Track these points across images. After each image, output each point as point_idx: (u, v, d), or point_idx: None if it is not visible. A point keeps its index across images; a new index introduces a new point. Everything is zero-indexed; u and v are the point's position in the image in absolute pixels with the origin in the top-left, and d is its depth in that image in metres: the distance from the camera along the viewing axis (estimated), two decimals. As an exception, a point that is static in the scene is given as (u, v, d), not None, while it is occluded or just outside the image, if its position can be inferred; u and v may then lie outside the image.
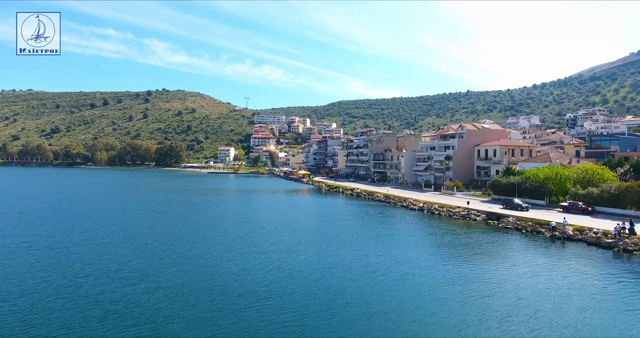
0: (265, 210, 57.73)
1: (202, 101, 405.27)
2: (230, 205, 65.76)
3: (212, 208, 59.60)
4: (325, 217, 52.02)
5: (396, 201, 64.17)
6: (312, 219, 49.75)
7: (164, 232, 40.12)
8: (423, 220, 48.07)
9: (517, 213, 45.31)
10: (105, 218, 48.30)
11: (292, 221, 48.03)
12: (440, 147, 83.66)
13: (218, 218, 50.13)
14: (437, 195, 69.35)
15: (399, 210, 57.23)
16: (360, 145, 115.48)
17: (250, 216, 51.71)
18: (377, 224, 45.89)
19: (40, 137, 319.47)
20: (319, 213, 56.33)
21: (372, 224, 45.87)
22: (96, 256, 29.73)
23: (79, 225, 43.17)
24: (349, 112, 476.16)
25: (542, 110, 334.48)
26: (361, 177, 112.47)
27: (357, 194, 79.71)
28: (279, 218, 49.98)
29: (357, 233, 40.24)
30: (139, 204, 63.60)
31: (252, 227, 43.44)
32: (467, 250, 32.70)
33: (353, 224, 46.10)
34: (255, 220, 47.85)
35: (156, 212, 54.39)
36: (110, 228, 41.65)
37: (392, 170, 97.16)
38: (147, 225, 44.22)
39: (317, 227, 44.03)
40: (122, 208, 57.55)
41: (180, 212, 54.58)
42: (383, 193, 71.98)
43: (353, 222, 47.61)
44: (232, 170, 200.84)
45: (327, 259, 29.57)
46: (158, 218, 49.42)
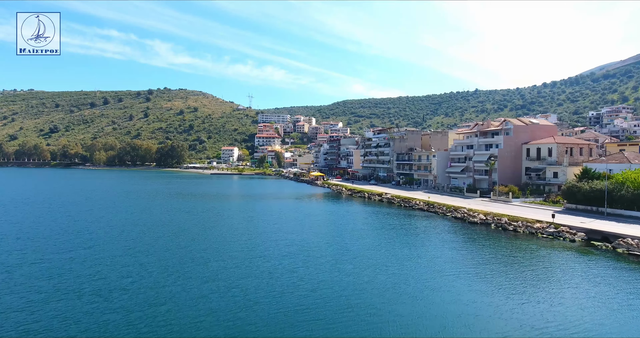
0: (286, 225, 46.28)
1: (205, 100, 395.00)
2: (241, 216, 53.58)
3: (220, 223, 48.57)
4: (367, 235, 41.04)
5: (444, 210, 52.99)
6: (350, 239, 38.47)
7: (167, 256, 29.60)
8: (499, 241, 36.48)
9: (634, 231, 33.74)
10: (92, 233, 37.80)
11: (328, 243, 37.15)
12: (480, 146, 72.70)
13: (228, 238, 39.21)
14: (488, 202, 58.33)
15: (452, 223, 46.10)
16: (380, 144, 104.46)
17: (270, 235, 39.86)
18: (449, 248, 34.31)
19: (39, 136, 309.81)
20: (354, 228, 45.28)
21: (443, 247, 34.57)
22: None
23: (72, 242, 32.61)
24: (354, 111, 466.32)
25: (555, 108, 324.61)
26: (382, 179, 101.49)
27: (389, 201, 68.50)
28: (306, 238, 39.00)
29: (435, 265, 29.08)
30: (138, 216, 53.00)
31: (274, 252, 32.64)
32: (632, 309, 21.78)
33: (415, 244, 35.24)
34: (278, 243, 36.95)
35: (156, 227, 43.77)
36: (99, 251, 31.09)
37: (420, 171, 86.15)
38: (146, 246, 33.67)
39: (362, 254, 32.81)
40: (118, 223, 46.90)
41: (183, 229, 43.76)
42: (422, 200, 60.82)
43: (411, 241, 36.78)
44: (237, 171, 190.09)
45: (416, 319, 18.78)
46: (158, 235, 38.84)
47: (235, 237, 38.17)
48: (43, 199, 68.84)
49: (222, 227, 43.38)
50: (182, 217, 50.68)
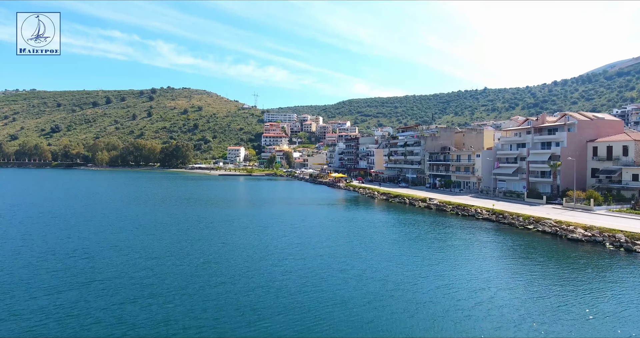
0: (337, 245, 35.86)
1: (209, 99, 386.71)
2: (275, 231, 41.99)
3: (252, 243, 39.00)
4: (463, 259, 32.05)
5: (522, 222, 43.19)
6: (446, 267, 28.74)
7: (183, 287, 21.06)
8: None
9: None
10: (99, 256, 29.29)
11: (419, 275, 28.29)
12: (536, 144, 63.93)
13: (275, 273, 29.64)
14: (563, 210, 49.47)
15: (544, 240, 36.74)
16: (408, 142, 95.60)
17: (329, 263, 29.58)
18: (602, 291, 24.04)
19: (40, 136, 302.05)
20: (433, 246, 36.37)
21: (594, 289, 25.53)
22: None
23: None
24: (360, 110, 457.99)
25: (570, 107, 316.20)
26: (411, 181, 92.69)
27: (439, 208, 58.89)
28: (384, 271, 28.47)
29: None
30: (147, 232, 44.57)
31: (352, 295, 23.92)
32: None
33: (548, 279, 26.44)
34: (351, 278, 28.08)
35: (176, 252, 35.29)
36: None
37: (459, 173, 77.34)
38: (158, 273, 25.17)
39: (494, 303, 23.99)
40: (125, 245, 38.48)
41: (211, 257, 35.05)
42: (485, 208, 51.68)
43: (532, 270, 27.97)
44: (245, 172, 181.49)
45: None
46: (172, 258, 30.39)
47: (286, 267, 29.31)
48: (36, 204, 60.55)
49: (257, 250, 34.34)
50: (203, 234, 42.07)
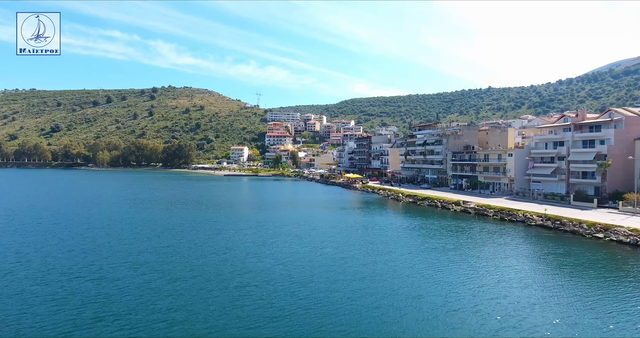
0: (378, 260, 31.63)
1: (211, 98, 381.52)
2: (313, 244, 35.19)
3: (285, 259, 34.44)
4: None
5: (588, 230, 38.07)
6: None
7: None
8: None
9: None
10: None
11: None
12: (576, 142, 59.12)
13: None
14: (622, 215, 44.59)
15: (631, 254, 31.72)
16: (428, 141, 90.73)
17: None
18: None
19: (40, 136, 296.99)
20: (515, 267, 31.35)
21: None
22: None
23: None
24: (363, 110, 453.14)
25: (577, 105, 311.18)
26: (432, 182, 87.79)
27: (478, 212, 53.27)
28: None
29: None
30: (164, 246, 39.75)
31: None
32: None
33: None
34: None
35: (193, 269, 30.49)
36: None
37: (488, 173, 72.49)
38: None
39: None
40: (135, 256, 33.68)
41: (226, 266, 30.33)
42: (535, 213, 46.19)
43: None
44: (251, 172, 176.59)
45: None
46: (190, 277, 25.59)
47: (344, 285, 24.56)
48: (39, 207, 55.75)
49: (305, 262, 29.72)
50: (225, 245, 37.26)
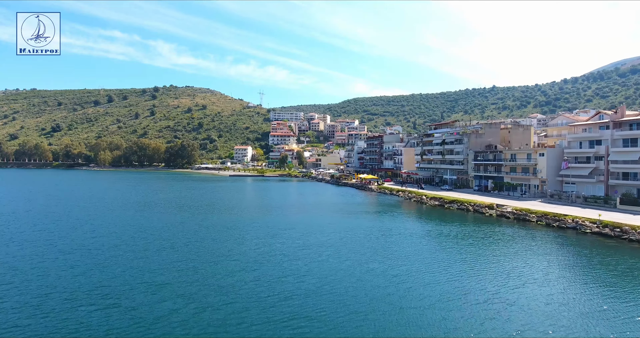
0: (422, 277, 27.55)
1: (213, 98, 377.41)
2: (342, 252, 32.58)
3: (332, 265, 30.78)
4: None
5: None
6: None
7: None
8: None
9: None
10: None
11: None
12: (616, 141, 55.07)
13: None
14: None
15: None
16: (447, 140, 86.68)
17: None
18: None
19: (40, 136, 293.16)
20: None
21: None
22: None
23: None
24: (366, 109, 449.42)
25: (585, 104, 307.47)
26: (452, 183, 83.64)
27: (519, 217, 48.79)
28: None
29: None
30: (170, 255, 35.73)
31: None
32: None
33: None
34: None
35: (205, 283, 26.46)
36: None
37: (515, 174, 68.43)
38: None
39: None
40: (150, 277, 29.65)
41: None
42: (587, 219, 41.04)
43: None
44: (257, 173, 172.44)
45: None
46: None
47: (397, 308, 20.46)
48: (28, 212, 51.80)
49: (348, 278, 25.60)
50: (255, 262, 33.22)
